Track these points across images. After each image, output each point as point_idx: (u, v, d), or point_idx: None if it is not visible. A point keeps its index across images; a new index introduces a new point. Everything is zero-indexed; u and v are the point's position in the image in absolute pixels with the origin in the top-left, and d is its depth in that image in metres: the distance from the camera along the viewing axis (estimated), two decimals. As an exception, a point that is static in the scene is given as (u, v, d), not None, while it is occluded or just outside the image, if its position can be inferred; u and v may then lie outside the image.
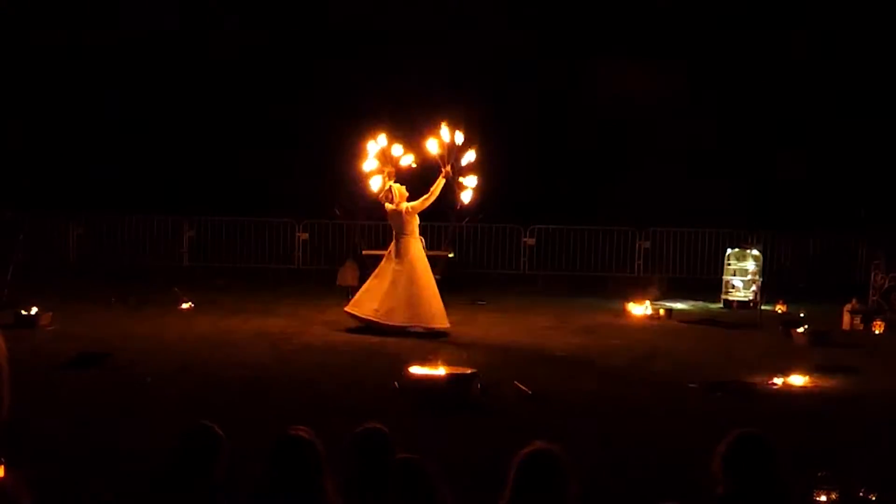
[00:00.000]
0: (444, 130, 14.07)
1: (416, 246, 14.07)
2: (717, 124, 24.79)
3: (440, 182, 14.03)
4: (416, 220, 14.09)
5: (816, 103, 24.50)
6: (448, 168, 14.04)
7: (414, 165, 14.34)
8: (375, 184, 14.23)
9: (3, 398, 5.87)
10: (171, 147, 24.52)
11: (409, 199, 14.11)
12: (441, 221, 18.54)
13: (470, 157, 14.22)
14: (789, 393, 10.74)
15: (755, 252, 18.44)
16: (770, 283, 18.11)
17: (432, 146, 14.09)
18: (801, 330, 14.08)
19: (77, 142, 24.33)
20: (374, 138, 14.28)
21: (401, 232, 14.02)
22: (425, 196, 14.05)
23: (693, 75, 25.04)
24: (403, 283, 13.81)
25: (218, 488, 4.77)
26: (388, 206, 14.06)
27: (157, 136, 24.71)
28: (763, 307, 17.04)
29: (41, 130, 24.30)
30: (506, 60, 24.87)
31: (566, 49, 25.24)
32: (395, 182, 14.14)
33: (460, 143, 14.14)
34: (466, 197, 14.36)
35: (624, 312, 16.65)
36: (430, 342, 12.95)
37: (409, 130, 14.74)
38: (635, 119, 25.07)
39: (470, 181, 14.28)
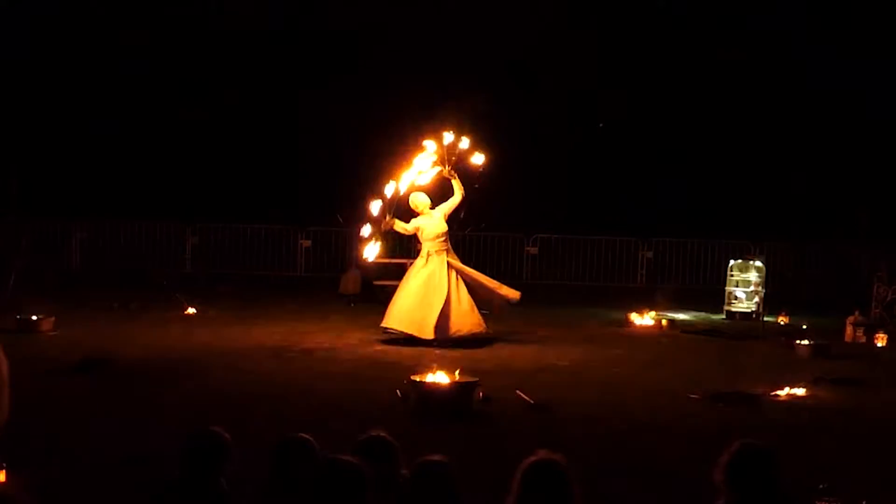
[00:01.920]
0: (447, 135, 14.15)
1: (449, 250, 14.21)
2: (718, 133, 24.85)
3: (455, 181, 14.12)
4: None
5: (819, 111, 24.53)
6: (448, 167, 14.11)
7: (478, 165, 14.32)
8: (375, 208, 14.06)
9: (3, 404, 5.86)
10: (175, 153, 24.56)
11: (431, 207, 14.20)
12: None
13: (464, 144, 14.27)
14: (791, 404, 10.72)
15: (758, 263, 18.43)
16: (772, 295, 18.10)
17: (431, 147, 14.16)
18: (803, 342, 14.06)
19: (80, 146, 24.37)
20: (425, 146, 14.15)
21: (439, 239, 14.05)
22: (452, 199, 14.16)
23: (694, 82, 25.10)
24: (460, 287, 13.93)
25: (224, 493, 4.77)
26: (423, 216, 14.06)
27: (161, 142, 24.76)
28: (765, 318, 17.03)
29: (42, 134, 24.34)
30: (506, 63, 24.95)
31: (569, 54, 25.30)
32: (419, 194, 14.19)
33: (459, 144, 14.21)
34: (479, 160, 14.33)
35: (626, 322, 16.64)
36: (432, 351, 12.95)
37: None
38: (637, 126, 25.13)
39: (477, 158, 14.32)
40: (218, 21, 25.38)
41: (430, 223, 14.05)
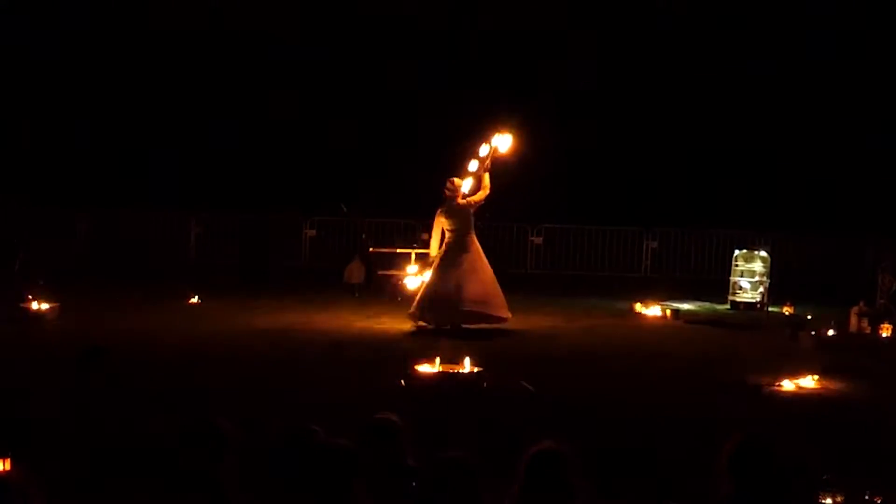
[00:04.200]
0: (484, 147, 14.07)
1: (475, 241, 14.15)
2: (722, 124, 24.80)
3: (486, 176, 14.07)
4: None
5: (820, 105, 24.46)
6: (487, 164, 14.07)
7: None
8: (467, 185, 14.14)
9: None
10: (178, 142, 24.56)
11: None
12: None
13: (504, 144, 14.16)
14: (795, 395, 10.71)
15: (763, 253, 18.39)
16: (777, 285, 18.07)
17: (474, 166, 14.15)
18: (808, 332, 14.05)
19: (85, 137, 24.38)
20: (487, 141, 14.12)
21: (466, 228, 14.00)
22: (480, 194, 14.11)
23: (695, 76, 25.04)
24: (475, 276, 13.88)
25: (225, 484, 4.77)
26: (459, 202, 14.03)
27: (165, 131, 24.76)
28: (770, 309, 17.00)
29: (49, 127, 24.35)
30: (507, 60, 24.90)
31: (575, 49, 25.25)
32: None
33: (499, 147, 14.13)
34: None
35: (631, 313, 16.62)
36: (436, 340, 12.95)
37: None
38: (640, 120, 25.08)
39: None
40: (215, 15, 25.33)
41: (453, 211, 14.03)
